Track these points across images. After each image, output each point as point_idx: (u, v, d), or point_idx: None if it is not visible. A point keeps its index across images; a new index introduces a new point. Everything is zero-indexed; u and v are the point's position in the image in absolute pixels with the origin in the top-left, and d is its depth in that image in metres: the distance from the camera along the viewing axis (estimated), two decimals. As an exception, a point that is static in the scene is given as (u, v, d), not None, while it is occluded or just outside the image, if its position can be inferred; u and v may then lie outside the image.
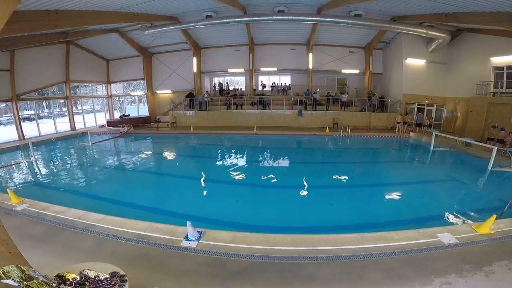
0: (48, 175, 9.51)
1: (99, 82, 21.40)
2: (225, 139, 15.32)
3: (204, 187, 8.03)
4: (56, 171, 9.94)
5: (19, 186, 8.07)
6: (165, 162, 11.75)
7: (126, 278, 2.42)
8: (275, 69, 20.08)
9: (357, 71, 19.43)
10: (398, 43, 16.71)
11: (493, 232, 4.30)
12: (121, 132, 16.74)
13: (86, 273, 2.35)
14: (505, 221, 4.68)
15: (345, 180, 8.58)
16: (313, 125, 17.50)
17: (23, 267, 2.02)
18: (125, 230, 4.50)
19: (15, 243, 2.62)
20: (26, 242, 4.18)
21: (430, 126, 14.87)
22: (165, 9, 13.42)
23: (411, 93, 16.83)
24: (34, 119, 16.60)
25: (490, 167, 8.84)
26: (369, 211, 6.24)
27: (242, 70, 19.96)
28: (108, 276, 2.37)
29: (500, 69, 13.08)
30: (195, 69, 19.60)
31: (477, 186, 8.18)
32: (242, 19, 14.01)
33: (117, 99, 23.50)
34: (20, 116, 15.13)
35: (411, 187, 8.12)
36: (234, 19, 13.81)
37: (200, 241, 4.15)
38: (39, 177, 9.31)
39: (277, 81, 21.49)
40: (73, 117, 18.61)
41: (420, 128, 14.83)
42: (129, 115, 21.27)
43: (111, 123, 19.46)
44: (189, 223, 4.21)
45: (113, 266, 2.55)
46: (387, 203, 6.90)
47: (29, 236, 4.49)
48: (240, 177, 8.82)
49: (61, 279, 2.21)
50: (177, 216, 5.53)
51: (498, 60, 13.06)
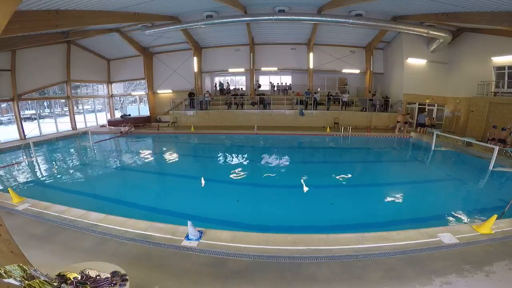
0: (49, 174, 9.53)
1: (100, 82, 21.41)
2: (226, 138, 15.32)
3: (205, 186, 8.03)
4: (57, 170, 9.96)
5: (21, 185, 8.09)
6: (166, 162, 11.75)
7: (127, 277, 2.43)
8: (275, 68, 20.04)
9: (357, 71, 19.38)
10: (399, 42, 16.67)
11: (494, 232, 4.29)
12: (121, 132, 16.76)
13: (87, 272, 2.37)
14: (506, 221, 4.66)
15: (345, 180, 8.56)
16: (314, 125, 17.48)
17: (24, 266, 2.02)
18: (126, 229, 4.51)
19: (17, 242, 2.63)
20: (27, 242, 4.20)
21: (432, 126, 14.79)
22: (166, 9, 13.42)
23: (412, 93, 16.80)
24: (35, 119, 16.64)
25: (491, 167, 8.80)
26: (370, 211, 6.23)
27: (242, 70, 19.94)
28: (109, 276, 2.38)
29: (501, 69, 13.01)
30: (195, 69, 19.57)
31: (478, 186, 8.16)
32: (243, 18, 14.01)
33: (118, 98, 23.49)
34: (21, 116, 15.15)
35: (411, 187, 8.11)
36: (234, 19, 13.82)
37: (200, 240, 4.15)
38: (40, 176, 9.33)
39: (278, 81, 21.46)
40: (74, 116, 18.64)
41: (422, 128, 14.81)
42: (130, 114, 21.27)
43: (112, 122, 19.47)
44: (189, 222, 4.21)
45: (114, 266, 2.56)
46: (387, 203, 6.90)
47: (30, 236, 4.51)
48: (240, 176, 8.82)
49: (62, 278, 2.22)
50: (178, 215, 5.54)
51: (499, 60, 13.00)
